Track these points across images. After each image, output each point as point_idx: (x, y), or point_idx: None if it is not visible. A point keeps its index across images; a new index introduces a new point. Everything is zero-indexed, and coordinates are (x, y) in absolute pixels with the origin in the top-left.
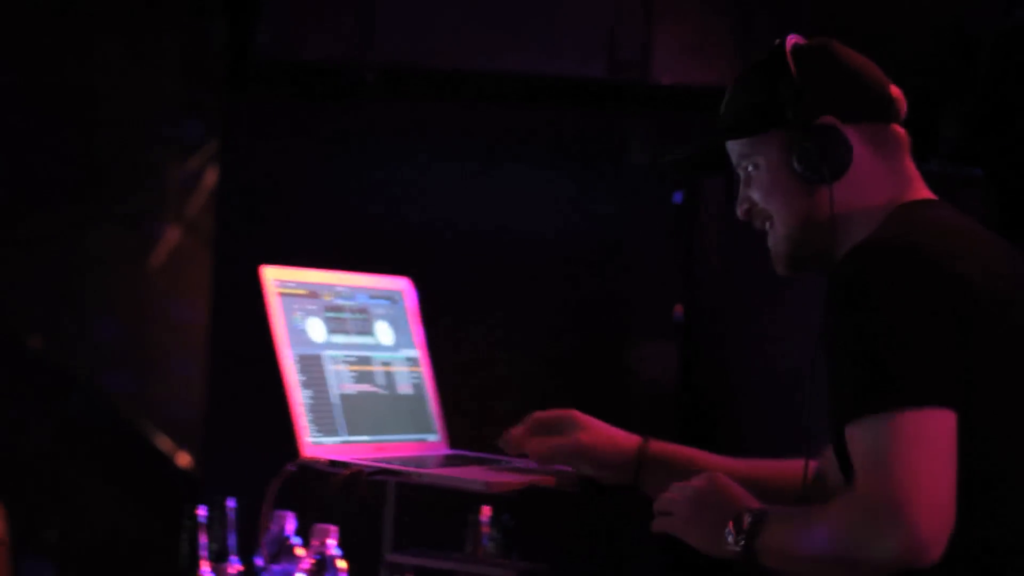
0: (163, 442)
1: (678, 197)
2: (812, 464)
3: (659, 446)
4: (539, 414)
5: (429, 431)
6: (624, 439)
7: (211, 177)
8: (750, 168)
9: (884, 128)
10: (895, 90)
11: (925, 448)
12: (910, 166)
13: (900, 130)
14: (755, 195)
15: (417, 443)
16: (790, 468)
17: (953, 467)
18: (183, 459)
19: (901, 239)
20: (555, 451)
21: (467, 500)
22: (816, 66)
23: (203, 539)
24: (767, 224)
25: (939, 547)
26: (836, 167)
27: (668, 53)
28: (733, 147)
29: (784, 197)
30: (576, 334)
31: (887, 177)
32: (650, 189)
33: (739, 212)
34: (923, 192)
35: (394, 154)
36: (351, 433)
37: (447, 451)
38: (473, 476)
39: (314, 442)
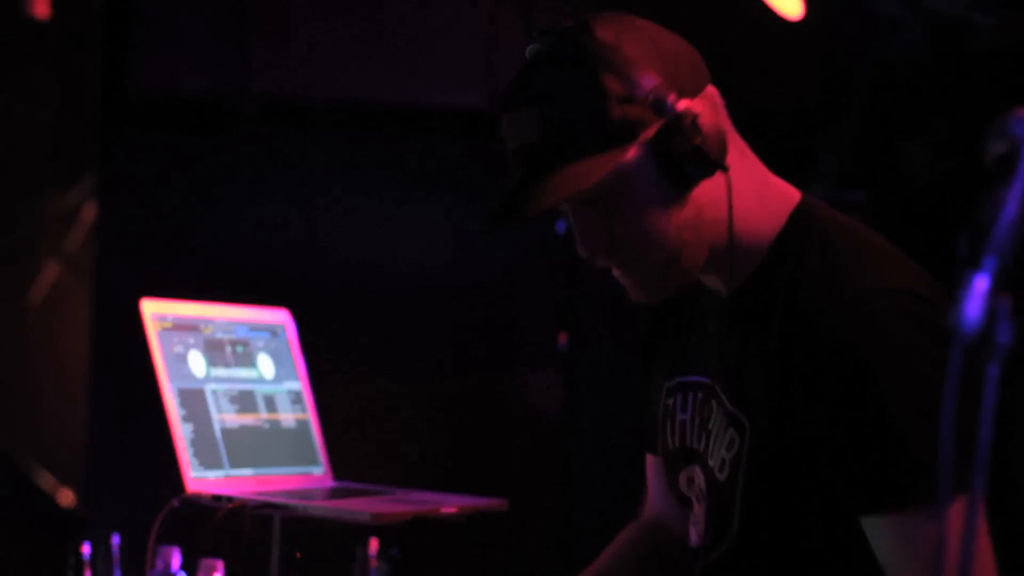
0: (45, 480)
1: (561, 226)
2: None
3: None
4: None
5: (313, 463)
6: None
7: (90, 211)
8: (598, 198)
9: (710, 88)
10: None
11: (986, 533)
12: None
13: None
14: (620, 224)
15: (302, 476)
16: (631, 551)
17: None
18: (65, 496)
19: (903, 289)
20: None
21: (354, 532)
22: (635, 44)
23: None
24: (634, 254)
25: None
26: (720, 154)
27: None
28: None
29: (662, 213)
30: (460, 364)
31: (738, 148)
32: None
33: (590, 252)
34: (761, 166)
35: (273, 186)
36: (234, 467)
37: (332, 483)
38: (359, 508)
39: (197, 476)
